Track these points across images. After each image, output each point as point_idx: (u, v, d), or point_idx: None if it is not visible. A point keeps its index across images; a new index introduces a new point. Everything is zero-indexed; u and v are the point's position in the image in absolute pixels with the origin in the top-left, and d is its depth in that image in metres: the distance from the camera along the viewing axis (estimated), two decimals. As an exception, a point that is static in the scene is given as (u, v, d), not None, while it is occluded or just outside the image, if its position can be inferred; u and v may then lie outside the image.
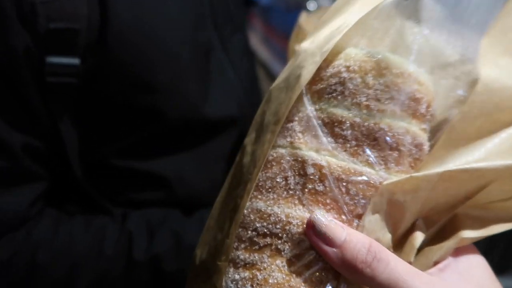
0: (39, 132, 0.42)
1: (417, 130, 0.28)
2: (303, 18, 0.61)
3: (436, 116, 0.30)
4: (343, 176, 0.27)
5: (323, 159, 0.27)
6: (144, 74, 0.43)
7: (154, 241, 0.44)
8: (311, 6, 1.09)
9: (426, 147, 0.29)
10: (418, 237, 0.28)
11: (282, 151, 0.28)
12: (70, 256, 0.43)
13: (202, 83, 0.47)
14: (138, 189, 0.48)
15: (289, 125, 0.29)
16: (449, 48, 0.30)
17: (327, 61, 0.28)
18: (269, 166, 0.28)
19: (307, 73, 0.28)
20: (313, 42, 0.30)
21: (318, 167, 0.27)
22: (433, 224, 0.29)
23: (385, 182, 0.27)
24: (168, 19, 0.44)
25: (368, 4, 0.29)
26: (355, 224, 0.27)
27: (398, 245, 0.28)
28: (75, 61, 0.40)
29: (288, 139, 0.28)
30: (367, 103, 0.27)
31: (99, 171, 0.47)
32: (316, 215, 0.26)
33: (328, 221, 0.26)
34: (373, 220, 0.27)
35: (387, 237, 0.27)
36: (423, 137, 0.29)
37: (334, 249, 0.25)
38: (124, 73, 0.43)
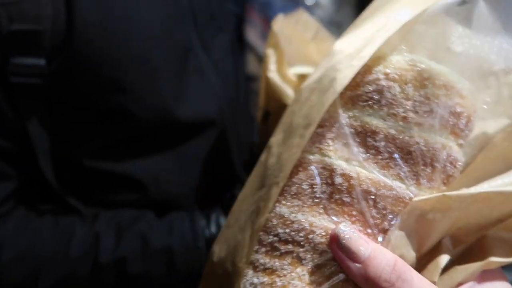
0: (6, 132, 0.43)
1: (454, 146, 0.27)
2: (277, 21, 0.58)
3: (473, 130, 0.28)
4: (372, 189, 0.26)
5: (353, 169, 0.26)
6: (112, 74, 0.43)
7: (121, 243, 0.44)
8: (309, 1, 1.06)
9: (460, 163, 0.28)
10: (444, 256, 0.27)
11: (310, 157, 0.27)
12: (35, 256, 0.43)
13: (177, 84, 0.46)
14: (112, 191, 0.48)
15: (319, 130, 0.27)
16: (493, 57, 0.28)
17: (365, 66, 0.27)
18: (295, 171, 0.27)
19: (343, 78, 0.26)
20: (350, 43, 0.28)
21: (347, 177, 0.26)
22: (460, 243, 0.28)
23: (415, 199, 0.26)
24: (139, 20, 0.43)
25: (412, 5, 0.27)
26: (380, 238, 0.26)
27: (422, 262, 0.27)
28: (40, 61, 0.40)
29: (317, 145, 0.27)
30: (404, 114, 0.26)
31: (72, 172, 0.47)
32: (341, 228, 0.25)
33: (353, 235, 0.25)
34: (399, 236, 0.26)
35: (412, 254, 0.27)
36: (459, 153, 0.27)
37: (357, 265, 0.24)
38: (92, 74, 0.42)
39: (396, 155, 0.26)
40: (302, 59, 0.58)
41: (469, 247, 0.28)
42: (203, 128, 0.49)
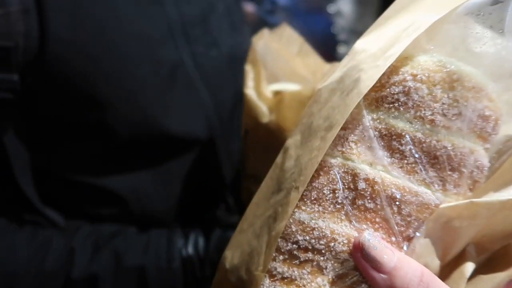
0: None
1: (481, 151, 0.26)
2: (261, 37, 0.57)
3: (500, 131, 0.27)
4: (397, 195, 0.25)
5: (377, 174, 0.25)
6: (89, 91, 0.42)
7: (95, 260, 0.43)
8: (331, 9, 1.06)
9: (486, 168, 0.27)
10: (469, 265, 0.26)
11: (331, 160, 0.26)
12: (9, 267, 0.42)
13: (164, 100, 0.45)
14: (93, 204, 0.47)
15: (341, 132, 0.26)
16: None
17: (391, 66, 0.26)
18: (315, 175, 0.26)
19: (368, 79, 0.25)
20: (374, 42, 0.27)
21: (371, 182, 0.25)
22: (485, 251, 0.27)
23: (442, 206, 0.25)
24: (118, 36, 0.42)
25: (440, 4, 0.26)
26: (404, 247, 0.25)
27: (446, 270, 0.26)
28: (13, 77, 0.40)
29: (339, 148, 0.26)
30: (432, 117, 0.25)
31: (53, 184, 0.46)
32: (366, 236, 0.24)
33: (379, 244, 0.24)
34: (423, 243, 0.25)
35: (436, 262, 0.26)
36: (485, 158, 0.26)
37: (383, 275, 0.23)
38: (67, 90, 0.41)
39: (422, 160, 0.25)
40: (288, 74, 0.57)
41: (493, 255, 0.27)
42: (189, 145, 0.48)
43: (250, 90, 0.52)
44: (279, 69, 0.57)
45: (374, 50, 0.27)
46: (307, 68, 0.58)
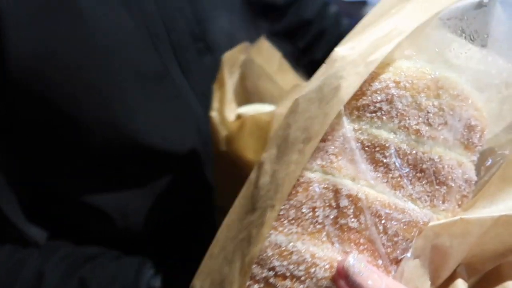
0: None
1: (468, 163, 0.24)
2: (238, 50, 0.52)
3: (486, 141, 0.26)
4: (382, 213, 0.23)
5: (360, 190, 0.23)
6: (61, 107, 0.39)
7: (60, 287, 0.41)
8: (364, 14, 1.05)
9: (474, 182, 0.25)
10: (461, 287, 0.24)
11: (310, 175, 0.24)
12: None
13: (149, 113, 0.42)
14: (79, 221, 0.45)
15: (321, 144, 0.24)
16: (495, 68, 0.26)
17: (372, 73, 0.24)
18: (293, 191, 0.24)
19: (349, 86, 0.23)
20: (354, 48, 0.25)
21: (354, 199, 0.23)
22: (476, 273, 0.25)
23: (430, 224, 0.23)
24: (92, 47, 0.39)
25: (423, 9, 0.24)
26: (392, 270, 0.23)
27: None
28: None
29: (319, 162, 0.24)
30: (417, 127, 0.23)
31: (39, 200, 0.43)
32: (350, 260, 0.21)
33: (365, 269, 0.21)
34: (412, 266, 0.23)
35: (426, 285, 0.23)
36: (473, 171, 0.25)
37: None
38: (37, 108, 0.39)
39: (408, 173, 0.23)
40: (272, 93, 0.54)
41: (484, 276, 0.25)
42: (180, 160, 0.45)
43: (213, 112, 0.48)
44: (263, 87, 0.54)
45: (354, 57, 0.25)
46: (287, 87, 0.55)
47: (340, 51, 0.26)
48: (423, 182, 0.23)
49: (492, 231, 0.23)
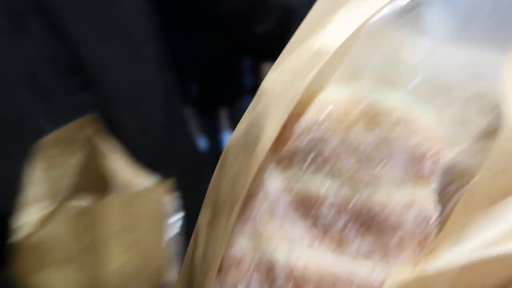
0: None
1: (423, 197, 0.19)
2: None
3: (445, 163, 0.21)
4: (325, 284, 0.18)
5: (297, 258, 0.18)
6: None
7: None
8: None
9: (434, 217, 0.20)
10: None
11: (242, 243, 0.19)
12: None
13: (6, 166, 0.38)
14: None
15: (250, 203, 0.20)
16: (454, 67, 0.21)
17: (298, 109, 0.19)
18: (224, 268, 0.19)
19: (272, 130, 0.19)
20: (280, 78, 0.21)
21: (290, 272, 0.18)
22: None
23: (386, 284, 0.18)
24: None
25: (353, 17, 0.20)
26: None
27: None
28: None
29: (248, 226, 0.19)
30: (352, 170, 0.18)
31: None
32: None
33: None
34: None
35: None
36: (431, 205, 0.20)
37: None
38: None
39: (351, 226, 0.18)
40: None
41: None
42: None
43: None
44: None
45: (280, 89, 0.20)
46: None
47: (269, 79, 0.22)
48: (371, 234, 0.18)
49: (461, 280, 0.18)
